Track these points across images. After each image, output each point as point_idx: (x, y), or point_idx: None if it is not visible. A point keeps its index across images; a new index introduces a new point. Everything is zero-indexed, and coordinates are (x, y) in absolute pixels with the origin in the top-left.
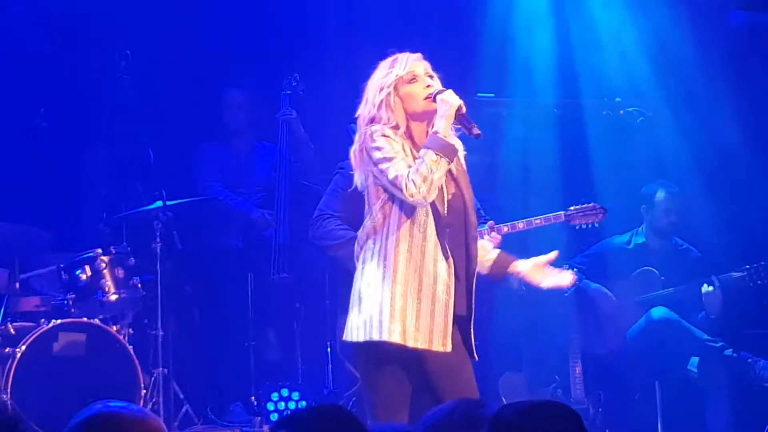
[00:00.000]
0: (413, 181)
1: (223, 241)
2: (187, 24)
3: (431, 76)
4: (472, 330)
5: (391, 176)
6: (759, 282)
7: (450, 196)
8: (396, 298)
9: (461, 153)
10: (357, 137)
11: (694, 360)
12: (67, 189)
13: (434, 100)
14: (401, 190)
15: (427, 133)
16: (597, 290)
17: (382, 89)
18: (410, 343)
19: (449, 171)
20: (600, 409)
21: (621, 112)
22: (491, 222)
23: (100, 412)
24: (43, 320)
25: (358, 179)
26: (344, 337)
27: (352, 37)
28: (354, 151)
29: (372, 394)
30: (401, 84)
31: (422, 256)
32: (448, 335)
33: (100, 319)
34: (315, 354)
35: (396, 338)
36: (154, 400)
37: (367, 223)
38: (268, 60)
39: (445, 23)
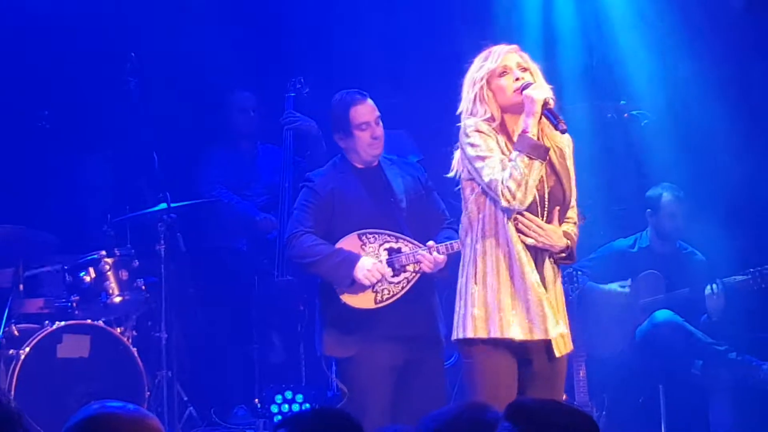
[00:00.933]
0: (509, 188)
1: (226, 244)
2: (191, 26)
3: (524, 69)
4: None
5: (486, 178)
6: (763, 285)
7: (549, 188)
8: (502, 295)
9: (568, 148)
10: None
11: (699, 363)
12: (71, 191)
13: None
14: (498, 196)
15: (520, 126)
16: (604, 291)
17: (475, 83)
18: (520, 336)
19: (550, 164)
20: (604, 413)
21: (626, 115)
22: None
23: (97, 412)
24: (47, 322)
25: (458, 173)
26: (453, 336)
27: (358, 38)
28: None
29: (479, 389)
30: (493, 78)
31: (517, 250)
32: (550, 324)
33: (104, 321)
34: (319, 357)
35: (507, 333)
36: (158, 402)
37: (464, 218)
38: (271, 62)
39: (449, 25)
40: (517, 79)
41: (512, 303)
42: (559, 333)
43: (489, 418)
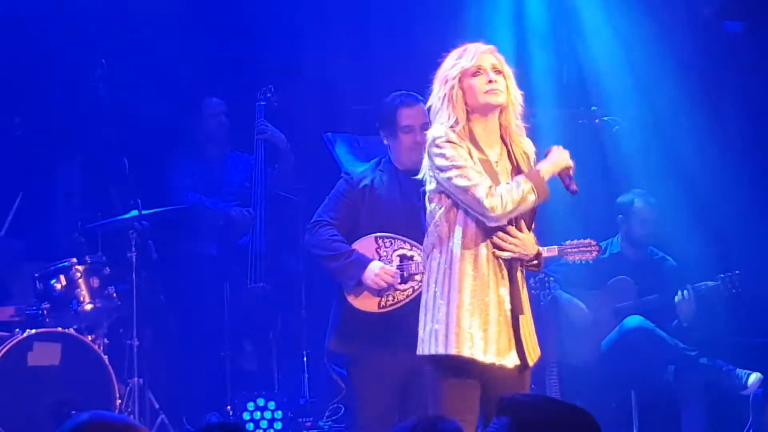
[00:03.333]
0: (501, 197)
1: (198, 250)
2: (161, 32)
3: (498, 71)
4: (523, 332)
5: (460, 185)
6: (734, 291)
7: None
8: (463, 311)
9: (531, 155)
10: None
11: (670, 368)
12: (42, 198)
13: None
14: (479, 203)
15: (494, 138)
16: (569, 301)
17: (446, 81)
18: (480, 357)
19: (518, 170)
20: None
21: (597, 120)
22: None
23: (90, 418)
24: (17, 330)
25: (428, 183)
26: (417, 351)
27: (328, 47)
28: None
29: (440, 407)
30: (465, 77)
31: (487, 266)
32: (513, 348)
33: (75, 329)
34: (291, 363)
35: (466, 352)
36: (129, 410)
37: (432, 231)
38: (242, 69)
39: (419, 33)
40: (490, 81)
41: (471, 321)
42: (508, 359)
43: (442, 429)
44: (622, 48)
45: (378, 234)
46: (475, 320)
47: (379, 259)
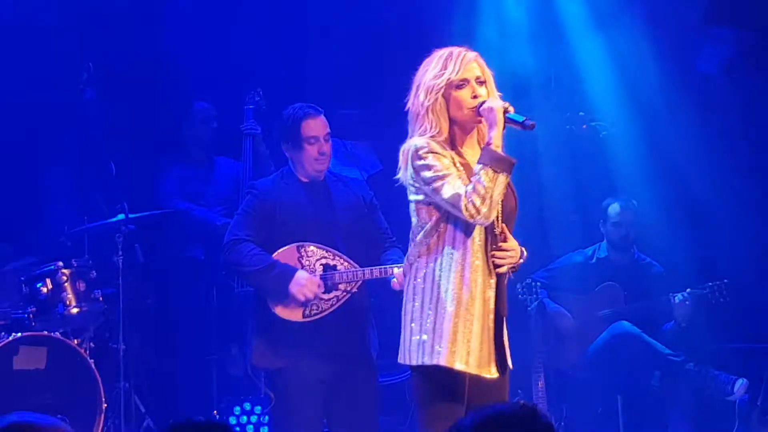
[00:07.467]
0: (473, 202)
1: (185, 254)
2: (149, 36)
3: (482, 82)
4: (505, 335)
5: (446, 196)
6: (721, 299)
7: (509, 209)
8: (453, 323)
9: None
10: (405, 146)
11: (656, 374)
12: (28, 201)
13: (479, 115)
14: (460, 211)
15: (472, 141)
16: (555, 310)
17: (431, 91)
18: (461, 368)
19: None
20: (563, 423)
21: (584, 126)
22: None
23: (16, 420)
24: (2, 333)
25: (412, 194)
26: (398, 359)
27: (314, 51)
28: (402, 151)
29: (427, 415)
30: (450, 88)
31: (476, 277)
32: (493, 361)
33: (61, 333)
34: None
35: (449, 362)
36: (115, 414)
37: (421, 241)
38: (230, 74)
39: (405, 38)
40: (474, 97)
41: (458, 332)
42: (487, 370)
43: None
44: (611, 51)
45: (299, 243)
46: (461, 331)
47: (302, 269)
